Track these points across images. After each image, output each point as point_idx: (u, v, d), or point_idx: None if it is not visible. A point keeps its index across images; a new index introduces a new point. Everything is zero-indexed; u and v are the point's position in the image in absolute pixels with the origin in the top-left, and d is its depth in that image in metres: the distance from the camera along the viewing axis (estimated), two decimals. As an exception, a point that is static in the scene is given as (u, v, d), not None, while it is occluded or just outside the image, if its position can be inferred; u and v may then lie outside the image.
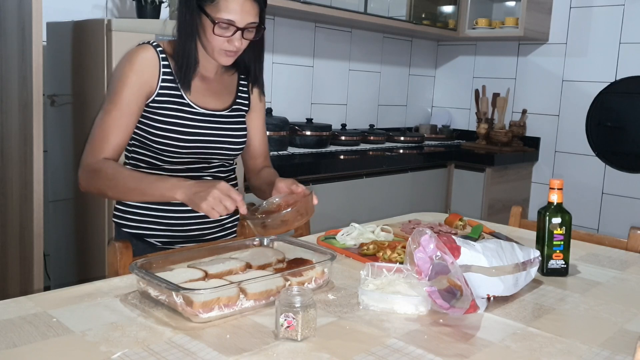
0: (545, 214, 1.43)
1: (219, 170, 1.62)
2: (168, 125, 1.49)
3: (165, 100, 1.50)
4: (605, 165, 3.79)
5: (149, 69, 1.48)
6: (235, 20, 1.42)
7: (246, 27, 1.44)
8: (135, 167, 1.56)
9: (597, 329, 1.13)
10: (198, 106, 1.53)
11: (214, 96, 1.58)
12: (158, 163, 1.53)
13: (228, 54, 1.47)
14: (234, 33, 1.43)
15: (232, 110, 1.61)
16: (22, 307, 1.10)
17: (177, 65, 1.49)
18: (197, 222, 1.59)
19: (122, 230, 1.59)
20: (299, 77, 3.63)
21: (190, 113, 1.52)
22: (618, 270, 1.52)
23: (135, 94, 1.46)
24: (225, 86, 1.62)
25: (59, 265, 2.60)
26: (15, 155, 2.17)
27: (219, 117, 1.57)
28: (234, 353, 0.96)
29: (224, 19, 1.41)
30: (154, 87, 1.48)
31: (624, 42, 3.67)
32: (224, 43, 1.45)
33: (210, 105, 1.56)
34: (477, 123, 4.11)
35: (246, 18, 1.43)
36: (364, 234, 1.67)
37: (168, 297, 1.10)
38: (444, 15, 4.17)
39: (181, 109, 1.51)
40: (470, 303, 1.14)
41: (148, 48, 1.49)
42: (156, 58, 1.49)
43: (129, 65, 1.47)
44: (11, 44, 2.14)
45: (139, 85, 1.46)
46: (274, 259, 1.32)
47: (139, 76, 1.46)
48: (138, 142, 1.54)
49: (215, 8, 1.41)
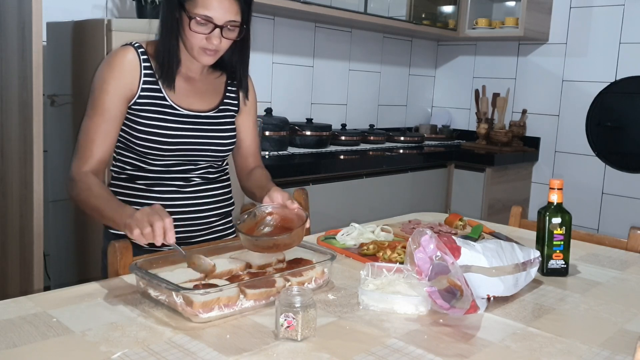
0: (545, 214, 1.43)
1: (207, 172, 1.59)
2: (150, 127, 1.47)
3: (147, 102, 1.48)
4: (605, 165, 3.79)
5: (129, 72, 1.46)
6: (213, 17, 1.40)
7: (226, 25, 1.42)
8: (122, 170, 1.55)
9: (597, 329, 1.13)
10: (181, 107, 1.51)
11: (199, 97, 1.56)
12: (143, 165, 1.51)
13: (208, 52, 1.45)
14: (212, 30, 1.42)
15: (219, 111, 1.58)
16: (22, 307, 1.10)
17: (159, 63, 1.47)
18: (185, 225, 1.55)
19: (109, 232, 1.56)
20: (299, 77, 3.63)
21: (173, 115, 1.49)
22: (618, 270, 1.52)
23: (116, 100, 1.45)
24: (211, 87, 1.59)
25: (59, 265, 2.60)
26: (15, 155, 2.17)
27: (204, 118, 1.55)
28: (234, 353, 0.96)
29: (202, 14, 1.40)
30: (135, 89, 1.47)
31: (624, 42, 3.67)
32: (203, 41, 1.43)
33: (195, 106, 1.54)
34: (477, 123, 4.11)
35: (225, 15, 1.41)
36: (364, 234, 1.67)
37: (168, 297, 1.10)
38: (444, 15, 4.17)
39: (163, 111, 1.49)
40: (471, 303, 1.14)
41: (128, 49, 1.48)
42: (137, 59, 1.47)
43: (108, 69, 1.46)
44: (11, 44, 2.14)
45: (119, 89, 1.45)
46: (274, 259, 1.32)
47: (118, 81, 1.45)
48: (123, 144, 1.52)
49: (193, 4, 1.40)
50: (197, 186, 1.57)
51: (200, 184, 1.57)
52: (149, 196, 1.52)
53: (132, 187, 1.53)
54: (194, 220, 1.56)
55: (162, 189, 1.53)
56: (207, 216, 1.59)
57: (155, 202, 1.50)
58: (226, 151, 1.60)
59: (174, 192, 1.53)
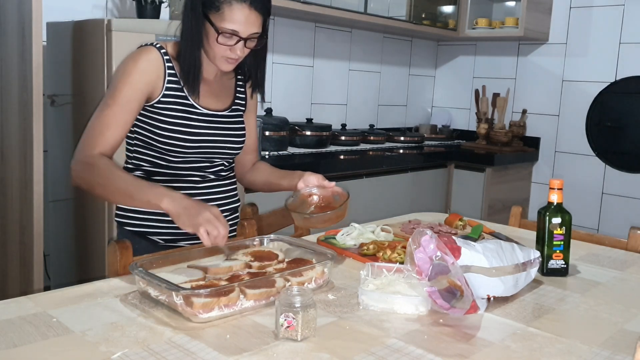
0: (545, 214, 1.43)
1: (220, 170, 1.64)
2: (173, 125, 1.51)
3: (171, 101, 1.51)
4: (605, 165, 3.79)
5: (154, 71, 1.49)
6: (239, 31, 1.43)
7: (249, 36, 1.46)
8: (137, 167, 1.57)
9: (597, 329, 1.13)
10: (201, 107, 1.55)
11: (215, 97, 1.60)
12: (162, 163, 1.55)
13: (229, 61, 1.49)
14: (237, 42, 1.45)
15: (232, 110, 1.64)
16: (22, 307, 1.10)
17: (184, 72, 1.51)
18: None
19: (124, 229, 1.59)
20: (299, 77, 3.63)
21: (194, 114, 1.54)
22: (618, 270, 1.52)
23: (137, 93, 1.47)
24: (224, 88, 1.64)
25: (59, 265, 2.60)
26: (15, 155, 2.17)
27: (220, 117, 1.60)
28: (234, 353, 0.96)
29: (228, 29, 1.43)
30: (159, 88, 1.50)
31: (624, 42, 3.67)
32: (227, 51, 1.46)
33: (212, 106, 1.59)
34: (477, 123, 4.11)
35: (250, 28, 1.44)
36: (364, 234, 1.67)
37: (168, 297, 1.10)
38: (444, 15, 4.17)
39: (186, 110, 1.53)
40: (471, 304, 1.14)
41: (152, 50, 1.50)
42: (161, 60, 1.50)
43: (134, 63, 1.48)
44: (11, 44, 2.14)
45: (141, 84, 1.47)
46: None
47: (143, 76, 1.47)
48: (142, 142, 1.55)
49: (220, 17, 1.42)
50: (211, 182, 1.62)
51: (214, 179, 1.63)
52: None
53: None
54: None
55: (178, 185, 1.56)
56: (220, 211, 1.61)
57: None
58: (239, 148, 1.66)
59: (189, 188, 1.58)
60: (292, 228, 2.01)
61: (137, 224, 1.57)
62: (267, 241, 1.45)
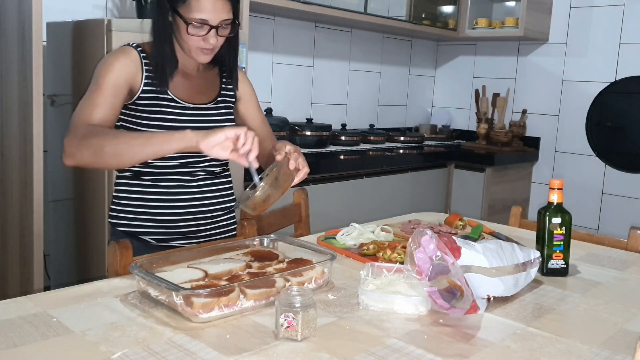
0: (545, 214, 1.43)
1: (210, 165, 1.62)
2: (154, 121, 1.50)
3: (150, 97, 1.51)
4: (605, 165, 3.79)
5: (134, 65, 1.50)
6: (209, 19, 1.44)
7: (220, 24, 1.46)
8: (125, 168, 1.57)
9: (597, 329, 1.13)
10: (183, 100, 1.55)
11: (197, 91, 1.60)
12: (150, 161, 1.53)
13: (205, 51, 1.49)
14: (208, 31, 1.45)
15: (217, 102, 1.63)
16: (22, 307, 1.10)
17: (153, 67, 1.51)
18: (191, 219, 1.59)
19: (116, 229, 1.59)
20: (299, 77, 3.62)
21: (176, 107, 1.53)
22: (618, 270, 1.52)
23: (120, 79, 1.47)
24: (208, 82, 1.64)
25: (59, 265, 2.60)
26: (15, 155, 2.17)
27: (204, 109, 1.59)
28: (234, 353, 0.96)
29: (197, 18, 1.43)
30: (138, 83, 1.50)
31: (624, 42, 3.67)
32: (200, 42, 1.47)
33: (195, 100, 1.58)
34: (477, 123, 4.11)
35: (219, 15, 1.44)
36: (364, 234, 1.67)
37: (168, 297, 1.10)
38: (444, 15, 4.17)
39: (167, 104, 1.52)
40: (471, 304, 1.14)
41: (130, 49, 1.52)
42: (138, 58, 1.51)
43: (114, 57, 1.49)
44: (11, 44, 2.14)
45: (124, 72, 1.48)
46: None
47: (125, 67, 1.48)
48: None
49: (187, 8, 1.43)
50: (202, 181, 1.60)
51: (205, 178, 1.60)
52: (155, 192, 1.55)
53: (138, 184, 1.56)
54: (199, 214, 1.59)
55: (168, 184, 1.55)
56: (212, 210, 1.62)
57: (161, 197, 1.54)
58: None
59: (179, 187, 1.56)
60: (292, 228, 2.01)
61: (128, 224, 1.57)
62: (267, 241, 1.45)
